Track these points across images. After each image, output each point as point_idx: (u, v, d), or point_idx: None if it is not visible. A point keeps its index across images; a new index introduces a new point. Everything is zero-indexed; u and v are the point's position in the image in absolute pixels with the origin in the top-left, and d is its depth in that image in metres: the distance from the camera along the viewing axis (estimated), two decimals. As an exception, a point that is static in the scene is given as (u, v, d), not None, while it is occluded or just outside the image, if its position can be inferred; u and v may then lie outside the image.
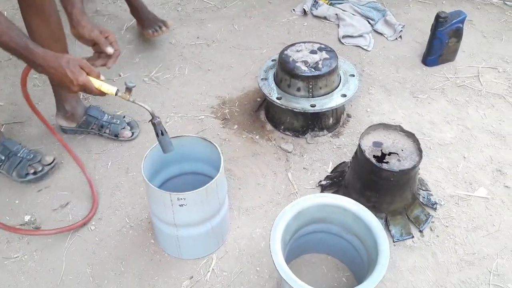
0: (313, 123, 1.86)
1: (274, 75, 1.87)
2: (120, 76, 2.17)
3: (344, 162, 1.75)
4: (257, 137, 1.89)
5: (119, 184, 1.72)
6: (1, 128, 1.89)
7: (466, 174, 1.73)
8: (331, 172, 1.75)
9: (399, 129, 1.55)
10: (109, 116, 1.87)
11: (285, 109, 1.78)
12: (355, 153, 1.54)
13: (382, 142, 1.52)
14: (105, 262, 1.49)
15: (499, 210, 1.62)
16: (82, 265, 1.48)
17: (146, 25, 2.26)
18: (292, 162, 1.79)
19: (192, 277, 1.45)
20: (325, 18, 2.47)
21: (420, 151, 1.48)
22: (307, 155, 1.81)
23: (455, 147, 1.82)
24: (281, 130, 1.90)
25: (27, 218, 1.60)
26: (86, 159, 1.79)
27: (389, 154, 1.48)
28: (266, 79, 1.87)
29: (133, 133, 1.87)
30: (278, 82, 1.84)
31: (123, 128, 1.86)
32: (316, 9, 2.49)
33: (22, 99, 2.00)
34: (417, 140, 1.51)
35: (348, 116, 1.97)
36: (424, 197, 1.62)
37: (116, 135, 1.85)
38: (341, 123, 1.93)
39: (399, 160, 1.46)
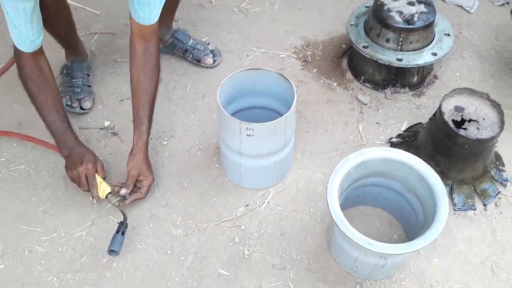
0: (396, 79, 1.80)
1: (365, 22, 1.81)
2: (212, 3, 2.19)
3: (420, 123, 1.70)
4: (335, 84, 1.87)
5: (195, 107, 1.79)
6: (95, 37, 2.01)
7: (551, 158, 1.62)
8: (405, 131, 1.70)
9: (485, 97, 1.46)
10: (194, 41, 1.92)
11: (370, 59, 1.73)
12: (434, 114, 1.48)
13: (464, 107, 1.45)
14: (171, 176, 1.59)
15: None
16: (149, 176, 1.59)
17: None
18: (366, 114, 1.76)
19: (248, 205, 1.52)
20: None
21: (502, 123, 1.40)
22: (382, 110, 1.77)
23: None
24: (361, 81, 1.86)
25: (106, 123, 1.73)
26: (168, 80, 1.87)
27: (469, 121, 1.42)
28: (356, 25, 1.82)
29: (214, 61, 1.91)
30: (367, 30, 1.78)
31: (206, 54, 1.91)
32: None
33: (118, 10, 2.13)
34: (502, 112, 1.43)
35: (435, 77, 1.88)
36: (496, 172, 1.55)
37: (198, 61, 1.91)
38: (425, 83, 1.85)
39: (478, 129, 1.40)
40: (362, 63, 1.84)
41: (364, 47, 1.73)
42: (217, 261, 1.40)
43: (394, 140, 1.66)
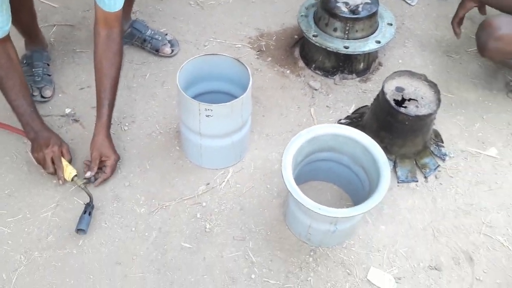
0: (344, 65, 1.93)
1: (314, 13, 1.93)
2: (167, -4, 2.27)
3: (366, 106, 1.83)
4: (288, 71, 1.98)
5: (154, 94, 1.85)
6: (53, 29, 2.04)
7: (481, 134, 1.79)
8: (352, 113, 1.84)
9: (423, 78, 1.61)
10: (152, 32, 1.98)
11: (319, 47, 1.85)
12: (378, 95, 1.62)
13: (404, 88, 1.59)
14: (133, 159, 1.65)
15: (505, 170, 1.69)
16: (112, 158, 1.65)
17: None
18: (317, 99, 1.89)
19: (208, 183, 1.60)
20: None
21: (439, 101, 1.55)
22: (332, 95, 1.90)
23: (476, 108, 1.87)
24: (312, 68, 1.98)
25: (67, 110, 1.77)
26: (127, 68, 1.92)
27: (409, 100, 1.56)
28: (306, 16, 1.94)
29: (172, 50, 1.98)
30: (316, 20, 1.90)
31: (164, 44, 1.98)
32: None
33: (76, 3, 2.17)
34: (438, 91, 1.58)
35: (380, 64, 2.03)
36: (435, 148, 1.70)
37: (157, 50, 1.97)
38: (371, 70, 1.99)
39: (417, 107, 1.54)
40: (312, 51, 1.96)
41: (314, 36, 1.85)
42: (180, 236, 1.48)
43: (343, 121, 1.79)
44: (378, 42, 1.84)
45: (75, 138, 1.69)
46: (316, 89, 1.91)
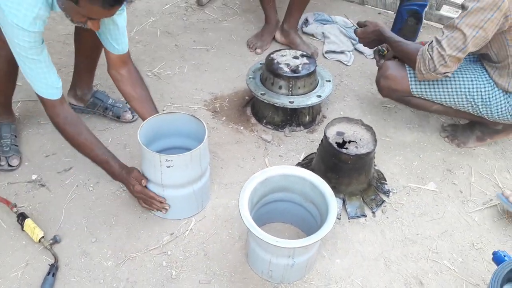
0: (291, 119, 2.12)
1: (260, 75, 2.15)
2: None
3: (314, 153, 2.01)
4: (242, 128, 2.16)
5: (117, 156, 1.96)
6: (18, 104, 2.16)
7: (419, 171, 1.98)
8: (302, 160, 2.00)
9: (360, 122, 1.81)
10: (113, 100, 2.14)
11: (268, 104, 2.05)
12: (322, 140, 1.80)
13: (344, 132, 1.78)
14: (99, 216, 1.73)
15: (445, 202, 1.87)
16: (78, 217, 1.72)
17: None
18: (270, 150, 2.05)
19: (173, 233, 1.69)
20: (313, 35, 2.77)
21: (375, 141, 1.75)
22: (283, 146, 2.07)
23: (413, 148, 2.08)
24: (263, 124, 2.16)
25: (34, 177, 1.85)
26: (90, 135, 2.05)
27: (349, 142, 1.74)
28: (253, 78, 2.15)
29: (133, 116, 2.13)
30: (263, 80, 2.11)
31: (125, 111, 2.13)
32: (306, 26, 2.80)
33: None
34: (374, 133, 1.78)
35: (324, 117, 2.24)
36: (379, 185, 1.87)
37: (118, 117, 2.12)
38: (316, 122, 2.19)
39: (356, 147, 1.72)
40: (262, 108, 2.15)
41: (262, 94, 2.06)
42: (147, 284, 1.54)
43: (295, 168, 1.95)
44: (319, 96, 2.06)
45: (43, 202, 1.77)
46: (268, 141, 2.08)
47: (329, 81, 2.16)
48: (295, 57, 2.10)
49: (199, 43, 2.70)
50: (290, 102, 2.02)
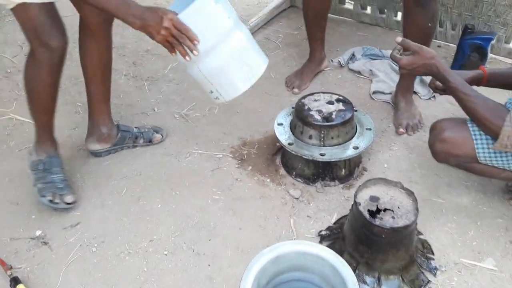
0: (324, 172, 1.86)
1: (290, 121, 1.91)
2: (155, 110, 2.30)
3: (348, 214, 1.73)
4: (268, 180, 1.92)
5: (128, 211, 1.80)
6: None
7: (476, 243, 1.64)
8: (334, 223, 1.73)
9: (399, 186, 1.52)
10: (137, 129, 2.06)
11: (297, 155, 1.80)
12: (352, 205, 1.52)
13: (379, 197, 1.49)
14: (97, 283, 1.56)
15: (505, 284, 1.51)
16: (76, 284, 1.56)
17: None
18: (297, 208, 1.80)
19: (174, 309, 1.48)
20: (359, 72, 2.50)
21: (417, 210, 1.44)
22: (313, 203, 1.81)
23: (469, 213, 1.74)
24: (293, 176, 1.92)
25: (38, 232, 1.72)
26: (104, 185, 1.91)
27: (384, 210, 1.45)
28: (282, 124, 1.92)
29: (162, 135, 2.10)
30: (292, 128, 1.87)
31: (155, 132, 2.09)
32: (353, 62, 2.53)
33: (62, 121, 2.22)
34: (416, 200, 1.47)
35: (364, 169, 1.95)
36: (424, 260, 1.55)
37: (150, 141, 2.06)
38: (354, 176, 1.91)
39: (393, 218, 1.43)
40: (291, 159, 1.91)
41: (289, 144, 1.81)
42: None
43: (323, 233, 1.68)
44: (356, 148, 1.78)
45: (42, 262, 1.63)
46: (296, 198, 1.83)
47: (370, 129, 1.87)
48: (330, 102, 1.84)
49: (234, 81, 2.52)
50: (321, 154, 1.76)
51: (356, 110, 1.90)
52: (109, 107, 1.99)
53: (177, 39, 1.40)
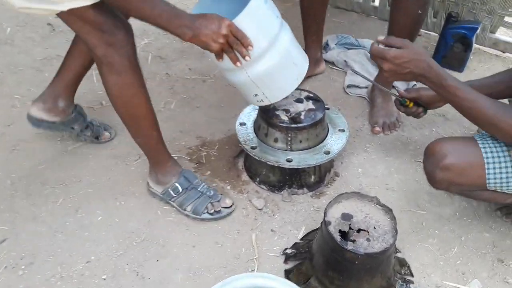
0: (291, 179, 1.64)
1: (254, 121, 1.68)
2: (102, 104, 2.04)
3: (317, 229, 1.52)
4: (229, 187, 1.70)
5: (64, 225, 1.55)
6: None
7: (460, 261, 1.45)
8: (301, 238, 1.52)
9: (375, 201, 1.31)
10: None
11: (260, 160, 1.58)
12: (321, 223, 1.31)
13: (352, 215, 1.28)
14: (21, 315, 1.32)
15: (494, 312, 1.34)
16: (-4, 315, 1.32)
17: None
18: (260, 221, 1.58)
19: None
20: (333, 63, 2.27)
21: (395, 231, 1.24)
22: (279, 215, 1.59)
23: (452, 226, 1.55)
24: (256, 182, 1.69)
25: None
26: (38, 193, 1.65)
27: (358, 231, 1.25)
28: (245, 124, 1.69)
29: (110, 134, 1.87)
30: (256, 129, 1.64)
31: (105, 130, 1.88)
32: (326, 52, 2.30)
33: None
34: (394, 218, 1.27)
35: (336, 174, 1.74)
36: (402, 285, 1.36)
37: (97, 137, 1.85)
38: (325, 182, 1.70)
39: (368, 240, 1.22)
40: (255, 164, 1.68)
41: (252, 148, 1.59)
42: None
43: (289, 251, 1.46)
44: (328, 152, 1.57)
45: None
46: (259, 209, 1.61)
47: (343, 130, 1.66)
48: (298, 100, 1.61)
49: (195, 72, 2.26)
50: (287, 160, 1.54)
51: (328, 109, 1.68)
52: (76, 88, 1.76)
53: (231, 46, 1.24)
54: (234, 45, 1.24)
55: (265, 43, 1.29)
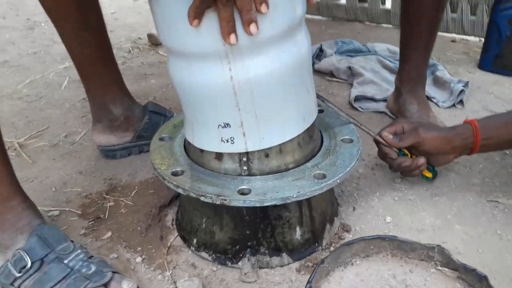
0: (257, 237, 0.83)
1: (183, 132, 0.92)
2: None
3: None
4: (141, 259, 0.89)
5: None
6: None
7: None
8: None
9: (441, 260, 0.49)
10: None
11: (194, 199, 0.78)
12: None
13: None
14: None
15: None
16: None
17: None
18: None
19: None
20: (331, 73, 1.55)
21: None
22: (231, 314, 0.77)
23: None
24: (193, 248, 0.88)
25: None
26: None
27: None
28: (170, 138, 0.92)
29: None
30: (187, 143, 0.87)
31: None
32: (319, 61, 1.59)
33: None
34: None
35: (344, 228, 0.93)
36: None
37: None
38: (323, 242, 0.88)
39: None
40: (188, 210, 0.89)
41: (174, 173, 0.80)
42: None
43: None
44: (322, 176, 0.77)
45: None
46: (193, 301, 0.79)
47: (351, 141, 0.88)
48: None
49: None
50: (241, 192, 0.75)
51: (322, 101, 0.92)
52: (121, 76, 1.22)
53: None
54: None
55: (282, 20, 0.67)
